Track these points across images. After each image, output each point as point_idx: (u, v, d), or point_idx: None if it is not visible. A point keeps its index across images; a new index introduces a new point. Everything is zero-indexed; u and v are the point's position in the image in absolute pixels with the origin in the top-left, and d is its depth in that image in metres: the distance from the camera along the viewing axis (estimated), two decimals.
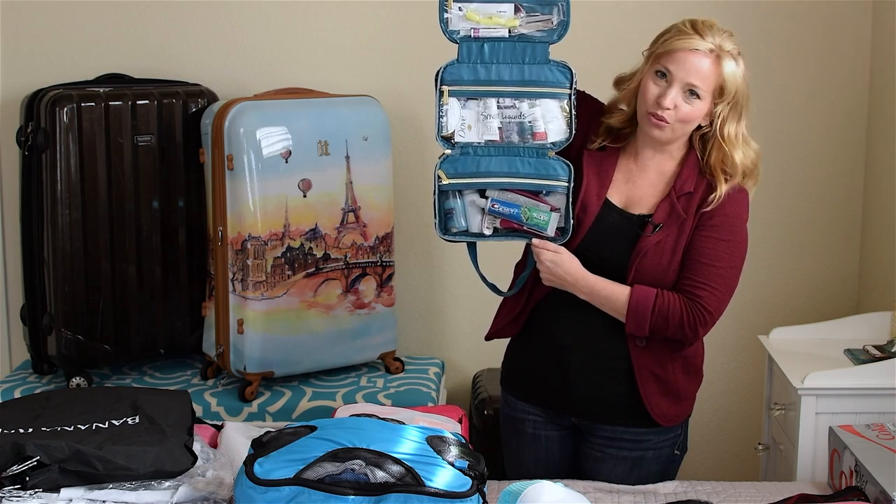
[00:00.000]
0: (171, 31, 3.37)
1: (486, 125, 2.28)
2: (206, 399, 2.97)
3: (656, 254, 2.25)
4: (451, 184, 2.28)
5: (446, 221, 2.31)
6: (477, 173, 2.28)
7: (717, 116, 2.23)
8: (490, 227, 2.30)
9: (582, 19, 3.29)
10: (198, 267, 3.15)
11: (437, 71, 2.28)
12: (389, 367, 3.19)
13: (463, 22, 2.27)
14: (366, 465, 1.81)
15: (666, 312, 2.23)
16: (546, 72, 2.27)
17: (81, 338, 3.01)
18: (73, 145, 2.95)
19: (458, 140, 2.29)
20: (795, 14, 3.33)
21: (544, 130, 2.28)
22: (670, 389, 2.34)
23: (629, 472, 2.38)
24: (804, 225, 3.44)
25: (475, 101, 2.29)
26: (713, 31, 2.20)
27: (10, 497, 1.83)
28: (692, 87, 2.19)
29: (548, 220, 2.28)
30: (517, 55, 2.28)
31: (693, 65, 2.19)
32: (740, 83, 2.22)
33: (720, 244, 2.25)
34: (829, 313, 3.35)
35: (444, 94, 2.27)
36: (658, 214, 2.27)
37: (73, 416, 2.06)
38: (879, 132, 3.28)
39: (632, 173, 2.33)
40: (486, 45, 2.27)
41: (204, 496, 1.96)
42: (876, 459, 2.16)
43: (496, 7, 2.26)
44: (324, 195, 2.98)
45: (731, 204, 2.26)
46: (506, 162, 2.28)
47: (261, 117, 2.91)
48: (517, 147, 2.28)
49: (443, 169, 2.28)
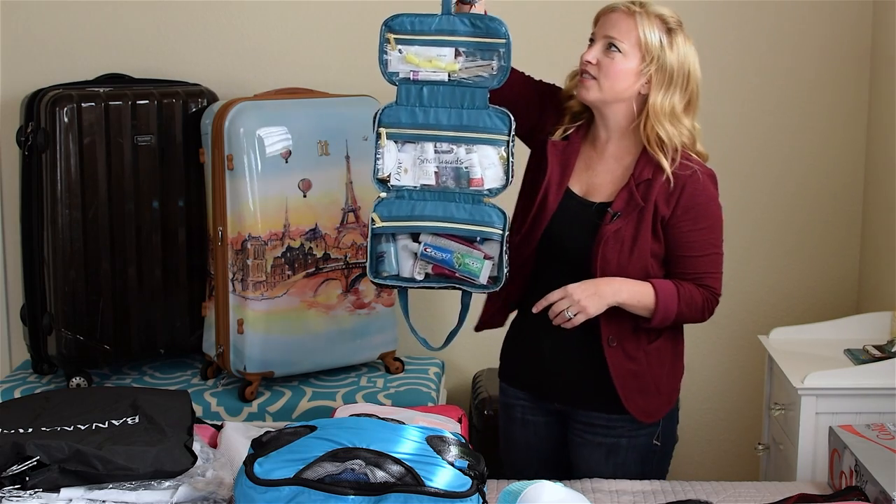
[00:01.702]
0: (171, 31, 3.37)
1: (423, 169, 2.27)
2: (206, 399, 2.97)
3: (617, 241, 2.28)
4: (384, 227, 2.26)
5: (377, 265, 2.28)
6: (411, 217, 2.26)
7: (644, 77, 2.25)
8: (421, 273, 2.28)
9: (570, 17, 3.32)
10: (198, 267, 3.15)
11: (375, 113, 2.27)
12: (389, 367, 3.19)
13: (402, 64, 2.26)
14: (366, 465, 1.81)
15: (690, 301, 2.30)
16: (485, 118, 2.25)
17: (81, 338, 3.01)
18: (73, 145, 2.95)
19: (394, 183, 2.27)
20: (795, 14, 3.33)
21: (481, 177, 2.26)
22: (647, 385, 2.36)
23: (605, 460, 2.40)
24: (804, 225, 3.44)
25: (412, 145, 2.27)
26: (639, 3, 2.26)
27: (10, 497, 1.83)
28: (609, 39, 2.25)
29: (480, 267, 2.25)
30: (456, 100, 2.26)
31: (609, 20, 2.27)
32: (668, 51, 2.25)
33: (703, 232, 2.31)
34: (829, 313, 3.35)
35: (381, 137, 2.26)
36: (617, 203, 2.30)
37: (73, 416, 2.06)
38: (879, 132, 3.29)
39: (592, 160, 2.37)
40: (425, 88, 2.26)
41: (204, 496, 1.96)
42: (876, 459, 2.16)
43: (436, 51, 2.25)
44: (324, 195, 2.98)
45: (700, 192, 2.29)
46: (441, 207, 2.26)
47: (261, 117, 2.91)
48: (453, 192, 2.26)
49: (377, 212, 2.26)
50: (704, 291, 2.32)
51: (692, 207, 2.28)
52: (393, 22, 2.25)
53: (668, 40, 2.25)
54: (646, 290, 2.28)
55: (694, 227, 2.29)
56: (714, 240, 2.32)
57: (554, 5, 3.33)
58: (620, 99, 2.28)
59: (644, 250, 2.28)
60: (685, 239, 2.30)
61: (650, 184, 2.28)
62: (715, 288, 2.34)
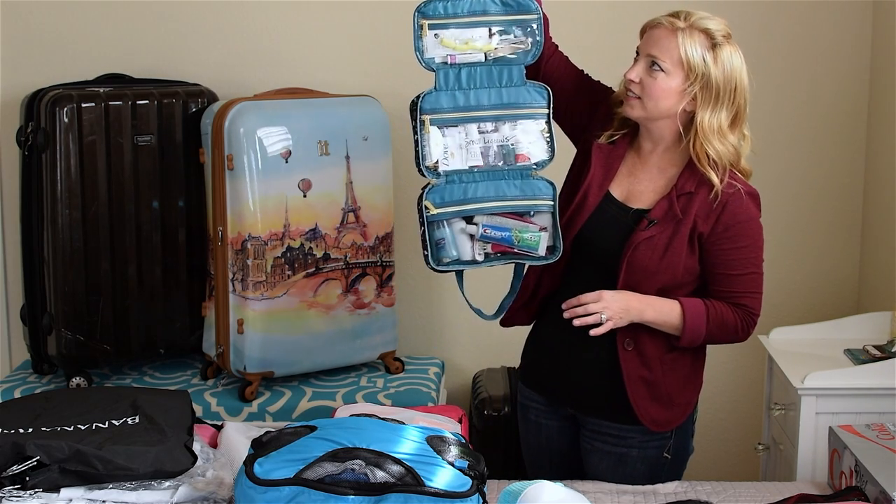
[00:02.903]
0: (171, 31, 3.37)
1: (469, 151, 2.28)
2: (206, 399, 2.97)
3: (648, 248, 2.26)
4: (440, 213, 2.27)
5: (437, 252, 2.29)
6: (465, 200, 2.27)
7: (689, 96, 2.23)
8: (482, 254, 2.30)
9: (587, 16, 3.31)
10: (198, 267, 3.15)
11: (414, 101, 2.28)
12: (389, 367, 3.19)
13: (439, 49, 2.27)
14: (366, 465, 1.81)
15: (720, 323, 2.28)
16: (524, 93, 2.29)
17: (81, 338, 3.00)
18: (73, 145, 2.95)
19: (443, 169, 2.28)
20: (796, 14, 3.33)
21: (526, 152, 2.28)
22: (660, 394, 2.34)
23: (614, 469, 2.39)
24: (804, 225, 3.44)
25: (455, 129, 2.28)
26: (689, 13, 2.22)
27: (10, 497, 1.83)
28: (652, 57, 2.22)
29: (538, 240, 2.28)
30: (494, 79, 2.29)
31: (652, 38, 2.23)
32: (712, 67, 2.20)
33: (742, 251, 2.27)
34: (829, 313, 3.35)
35: (425, 124, 2.27)
36: (655, 211, 2.28)
37: (73, 416, 2.06)
38: (879, 132, 3.28)
39: (635, 167, 2.35)
40: (462, 70, 2.28)
41: (204, 496, 1.96)
42: (876, 459, 2.16)
43: (471, 32, 2.26)
44: (324, 195, 2.98)
45: (742, 211, 2.26)
46: (492, 186, 2.28)
47: (261, 117, 2.91)
48: (501, 171, 2.29)
49: (430, 199, 2.26)
50: (740, 311, 2.29)
51: (733, 226, 2.25)
52: (426, 7, 2.26)
53: (713, 56, 2.20)
54: (673, 309, 2.27)
55: (734, 246, 2.27)
56: (754, 259, 2.29)
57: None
58: (665, 116, 2.26)
59: (675, 262, 2.26)
60: (725, 257, 2.27)
61: (691, 198, 2.26)
62: (753, 308, 2.30)
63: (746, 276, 2.29)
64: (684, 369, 2.36)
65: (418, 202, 2.27)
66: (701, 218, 2.26)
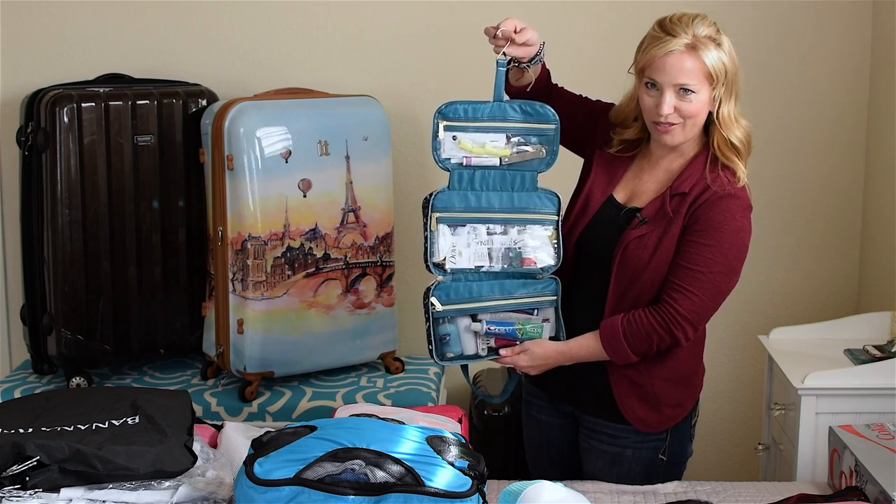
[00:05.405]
0: (171, 31, 3.37)
1: (477, 251, 2.32)
2: (206, 399, 2.97)
3: (638, 247, 2.26)
4: (445, 310, 2.31)
5: (442, 347, 2.34)
6: (470, 299, 2.32)
7: (716, 101, 2.24)
8: (485, 349, 2.36)
9: (581, 20, 3.31)
10: (198, 267, 3.15)
11: (426, 198, 2.31)
12: (389, 367, 3.19)
13: (456, 150, 2.31)
14: (366, 465, 1.81)
15: (638, 331, 2.24)
16: (535, 199, 2.32)
17: (81, 338, 3.00)
18: (73, 145, 2.95)
19: (450, 266, 2.32)
20: (796, 14, 3.33)
21: (533, 256, 2.32)
22: (647, 394, 2.33)
23: (609, 468, 2.39)
24: (804, 225, 3.44)
25: (464, 228, 2.32)
26: (683, 24, 2.19)
27: (10, 497, 1.83)
28: (682, 86, 2.20)
29: (540, 330, 2.34)
30: (507, 183, 2.32)
31: (674, 67, 2.19)
32: (728, 64, 2.22)
33: (702, 248, 2.23)
34: (829, 313, 3.35)
35: (434, 222, 2.31)
36: (647, 209, 2.29)
37: (73, 416, 2.06)
38: (879, 132, 3.28)
39: (643, 170, 2.36)
40: (477, 172, 2.32)
41: (204, 496, 1.96)
42: (876, 459, 2.16)
43: (489, 136, 2.30)
44: (324, 195, 2.98)
45: (718, 211, 2.23)
46: (497, 285, 2.33)
47: (261, 117, 2.91)
48: (506, 271, 2.32)
49: (436, 296, 2.31)
50: (659, 312, 2.23)
51: (704, 221, 2.23)
52: (447, 109, 2.30)
53: (722, 54, 2.21)
54: (589, 344, 2.29)
55: (696, 240, 2.23)
56: (709, 260, 2.21)
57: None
58: (700, 127, 2.27)
59: (663, 262, 2.25)
60: (684, 247, 2.24)
61: (684, 198, 2.26)
62: (678, 306, 2.22)
63: (691, 271, 2.22)
64: (672, 371, 2.35)
65: (424, 298, 2.32)
66: (689, 215, 2.26)
